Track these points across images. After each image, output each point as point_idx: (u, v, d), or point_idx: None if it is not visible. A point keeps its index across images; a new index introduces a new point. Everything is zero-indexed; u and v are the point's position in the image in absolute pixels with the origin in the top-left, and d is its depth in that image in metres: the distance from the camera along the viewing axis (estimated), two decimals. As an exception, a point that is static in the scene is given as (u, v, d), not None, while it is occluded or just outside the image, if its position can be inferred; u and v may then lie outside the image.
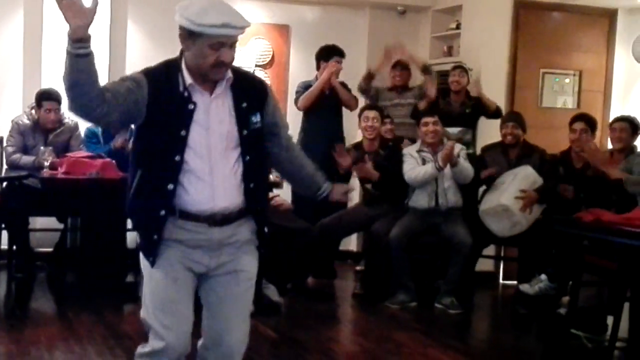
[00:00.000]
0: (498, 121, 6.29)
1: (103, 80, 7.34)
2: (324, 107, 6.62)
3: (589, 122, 5.92)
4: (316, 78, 6.71)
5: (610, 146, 6.10)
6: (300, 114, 6.77)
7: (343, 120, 6.83)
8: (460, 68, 6.75)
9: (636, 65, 6.56)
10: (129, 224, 5.94)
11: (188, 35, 2.68)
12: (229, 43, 2.70)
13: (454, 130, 6.47)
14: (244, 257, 2.87)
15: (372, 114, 6.13)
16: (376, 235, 5.89)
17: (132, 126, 2.90)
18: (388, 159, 6.06)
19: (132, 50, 7.34)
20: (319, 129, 6.61)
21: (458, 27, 7.60)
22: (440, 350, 4.79)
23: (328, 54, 6.66)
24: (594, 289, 5.23)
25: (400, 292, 5.75)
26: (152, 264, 2.78)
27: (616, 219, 4.62)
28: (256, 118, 2.81)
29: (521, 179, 5.80)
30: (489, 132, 6.55)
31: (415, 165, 5.87)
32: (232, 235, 2.81)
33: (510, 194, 5.72)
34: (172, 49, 7.95)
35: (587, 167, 5.69)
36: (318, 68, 6.72)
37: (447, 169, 5.81)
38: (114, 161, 5.82)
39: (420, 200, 5.89)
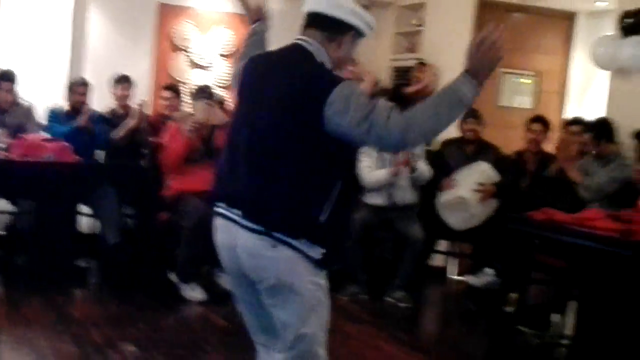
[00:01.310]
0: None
1: (65, 68, 7.11)
2: None
3: (545, 124, 6.08)
4: None
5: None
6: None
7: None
8: (423, 65, 6.81)
9: (593, 68, 6.65)
10: (84, 208, 5.97)
11: (353, 36, 2.67)
12: None
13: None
14: None
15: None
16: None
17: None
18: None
19: (94, 35, 7.28)
20: None
21: (421, 24, 7.65)
22: (389, 343, 4.84)
23: None
24: (540, 286, 5.32)
25: (351, 284, 5.78)
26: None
27: (567, 218, 4.68)
28: None
29: (478, 173, 5.91)
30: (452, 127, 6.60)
31: (371, 165, 5.86)
32: None
33: (468, 187, 5.82)
34: (134, 35, 7.97)
35: (541, 169, 5.80)
36: None
37: (404, 168, 5.84)
38: (70, 145, 5.75)
39: (375, 197, 5.90)
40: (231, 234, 2.63)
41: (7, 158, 5.55)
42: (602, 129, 5.45)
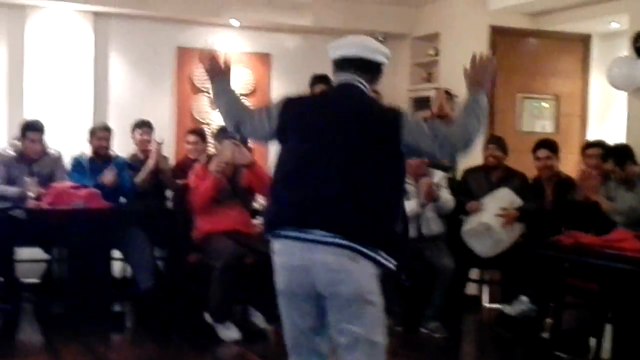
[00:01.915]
0: (479, 145, 6.40)
1: (88, 115, 7.18)
2: None
3: (552, 148, 6.02)
4: None
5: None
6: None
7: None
8: (447, 94, 6.86)
9: (611, 89, 6.70)
10: (116, 253, 6.04)
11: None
12: None
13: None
14: None
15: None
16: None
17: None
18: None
19: (115, 81, 7.42)
20: None
21: (437, 53, 7.74)
22: (426, 375, 4.85)
23: (313, 81, 6.58)
24: (576, 311, 5.31)
25: (386, 317, 5.77)
26: None
27: (595, 241, 4.70)
28: None
29: (500, 198, 5.93)
30: (470, 155, 6.63)
31: None
32: None
33: (491, 213, 5.84)
34: (155, 79, 8.07)
35: (562, 192, 5.82)
36: None
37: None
38: (99, 191, 5.84)
39: None
40: (305, 254, 2.82)
41: (38, 207, 5.64)
42: (623, 154, 5.46)
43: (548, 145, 6.03)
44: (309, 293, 2.85)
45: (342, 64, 3.01)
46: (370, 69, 3.01)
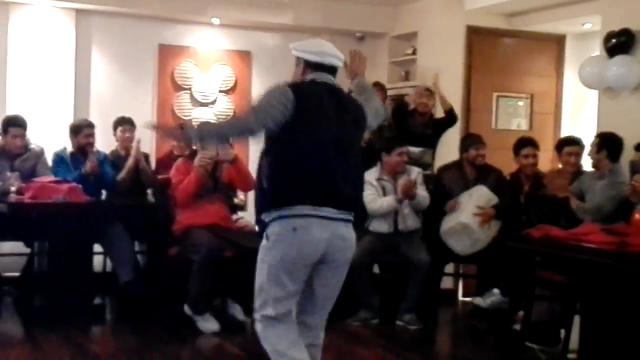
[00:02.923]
0: (457, 141, 6.51)
1: (69, 104, 7.23)
2: None
3: (536, 146, 6.19)
4: None
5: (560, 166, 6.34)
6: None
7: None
8: (429, 91, 6.98)
9: (584, 88, 6.84)
10: (97, 247, 6.09)
11: None
12: None
13: (415, 150, 6.66)
14: None
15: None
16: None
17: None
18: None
19: (97, 78, 7.48)
20: None
21: (414, 52, 7.86)
22: (400, 364, 4.95)
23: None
24: (547, 302, 5.44)
25: (362, 310, 5.90)
26: None
27: (564, 234, 4.80)
28: None
29: (477, 197, 6.02)
30: (449, 152, 6.77)
31: (375, 194, 6.01)
32: None
33: (469, 212, 5.94)
34: (136, 76, 8.11)
35: (536, 188, 5.96)
36: None
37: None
38: (80, 185, 5.91)
39: (380, 225, 6.02)
40: (326, 228, 3.33)
41: (20, 201, 5.69)
42: (607, 142, 5.59)
43: (532, 143, 6.18)
44: (314, 261, 3.35)
45: (323, 67, 3.53)
46: (337, 72, 3.60)
